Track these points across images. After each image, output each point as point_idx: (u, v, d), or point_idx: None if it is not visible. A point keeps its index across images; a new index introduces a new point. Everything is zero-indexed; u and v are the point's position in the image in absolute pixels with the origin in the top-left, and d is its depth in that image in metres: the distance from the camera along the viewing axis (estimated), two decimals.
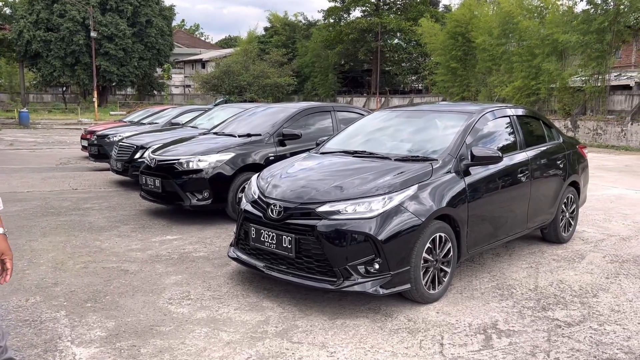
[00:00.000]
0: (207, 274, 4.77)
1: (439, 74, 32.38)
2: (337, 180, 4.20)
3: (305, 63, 47.15)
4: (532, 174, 5.24)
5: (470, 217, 4.43)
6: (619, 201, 8.84)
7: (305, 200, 4.06)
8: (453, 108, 5.32)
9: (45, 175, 10.77)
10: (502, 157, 4.53)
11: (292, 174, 4.57)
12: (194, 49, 74.63)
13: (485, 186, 4.62)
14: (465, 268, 5.08)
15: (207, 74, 37.23)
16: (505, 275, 4.92)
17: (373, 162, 4.54)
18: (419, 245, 3.98)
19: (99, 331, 3.57)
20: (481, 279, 4.80)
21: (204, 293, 4.31)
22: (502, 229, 4.94)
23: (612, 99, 23.48)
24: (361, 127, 5.55)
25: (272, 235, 4.10)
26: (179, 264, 5.07)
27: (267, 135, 7.13)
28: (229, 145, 6.87)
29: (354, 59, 46.81)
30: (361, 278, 3.82)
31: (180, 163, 6.66)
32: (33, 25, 43.13)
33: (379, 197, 3.94)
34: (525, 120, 5.64)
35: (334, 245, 3.83)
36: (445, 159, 4.43)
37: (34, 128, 27.43)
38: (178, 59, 69.09)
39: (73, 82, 47.92)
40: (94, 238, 5.93)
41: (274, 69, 35.35)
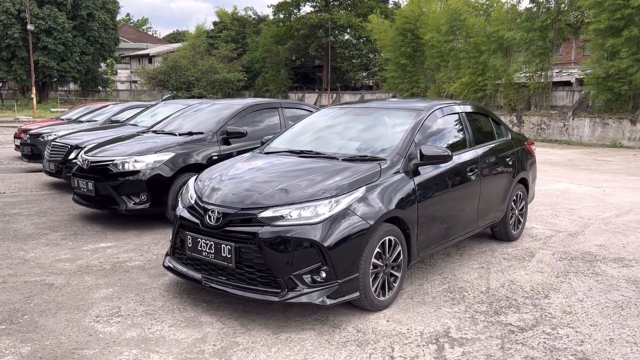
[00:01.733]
0: (142, 286, 4.40)
1: (389, 70, 32.54)
2: (281, 183, 3.92)
3: (255, 58, 46.51)
4: (482, 172, 5.12)
5: (420, 218, 4.25)
6: (565, 195, 8.95)
7: (246, 205, 3.76)
8: (401, 105, 5.13)
9: None
10: (451, 156, 4.37)
11: (233, 176, 4.26)
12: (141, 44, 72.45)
13: (435, 186, 4.44)
14: (416, 271, 4.91)
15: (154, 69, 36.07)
16: (457, 277, 4.78)
17: (320, 163, 4.29)
18: (368, 251, 3.75)
19: (10, 358, 3.17)
20: (432, 281, 4.64)
21: (137, 308, 3.95)
22: (453, 229, 4.79)
23: (555, 94, 24.20)
24: (308, 125, 5.28)
25: (210, 244, 3.78)
26: (111, 275, 4.67)
27: (210, 133, 6.77)
28: (169, 145, 6.47)
29: (305, 55, 46.55)
30: (307, 288, 3.56)
31: (115, 164, 6.21)
32: None
33: (325, 200, 3.68)
34: (474, 117, 5.53)
35: (278, 254, 3.55)
36: (393, 159, 4.23)
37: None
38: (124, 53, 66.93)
39: (10, 77, 45.60)
40: (18, 248, 5.43)
41: (223, 64, 34.58)
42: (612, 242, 5.98)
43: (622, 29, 18.42)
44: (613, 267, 5.08)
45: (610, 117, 20.25)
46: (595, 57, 20.24)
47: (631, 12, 18.05)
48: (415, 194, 4.20)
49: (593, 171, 12.43)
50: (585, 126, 21.27)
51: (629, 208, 7.87)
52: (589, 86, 20.89)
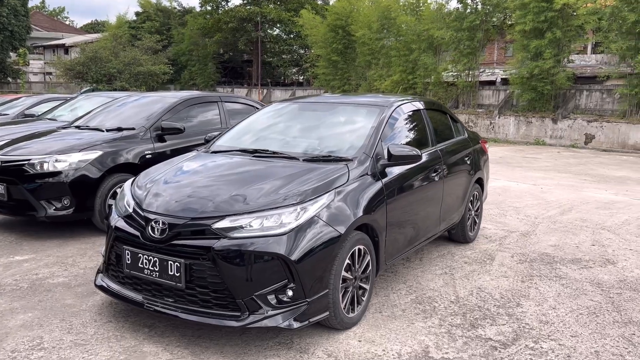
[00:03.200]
0: (68, 309, 3.74)
1: (320, 67, 32.26)
2: (237, 188, 3.40)
3: (181, 51, 44.74)
4: (444, 172, 4.83)
5: (388, 223, 3.88)
6: (506, 194, 8.96)
7: (198, 214, 3.22)
8: (361, 100, 4.73)
9: None
10: (421, 155, 4.03)
11: (178, 179, 3.69)
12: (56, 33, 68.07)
13: (401, 188, 4.09)
14: (379, 280, 4.54)
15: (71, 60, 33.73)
16: (422, 284, 4.46)
17: (278, 164, 3.81)
18: (338, 263, 3.33)
19: None
20: (398, 291, 4.29)
21: (63, 338, 3.30)
22: (418, 234, 4.47)
23: (482, 93, 24.89)
24: (259, 121, 4.77)
25: (154, 260, 3.21)
26: (29, 295, 3.96)
27: (142, 129, 6.08)
28: (95, 142, 5.73)
29: (233, 49, 45.36)
30: (272, 310, 3.08)
31: (32, 164, 5.40)
32: None
33: (290, 207, 3.21)
34: (433, 114, 5.24)
35: (237, 271, 3.05)
36: (360, 159, 3.83)
37: None
38: (37, 43, 62.66)
39: None
40: None
41: (147, 56, 32.91)
42: (565, 242, 5.92)
43: (545, 31, 19.14)
44: (573, 270, 4.96)
45: (533, 115, 21.03)
46: (519, 57, 20.91)
47: (554, 15, 18.78)
48: (384, 196, 3.82)
49: (525, 168, 12.70)
50: (510, 124, 22.00)
51: (569, 206, 7.94)
52: (514, 85, 21.59)
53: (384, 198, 3.81)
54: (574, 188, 9.59)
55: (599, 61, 26.65)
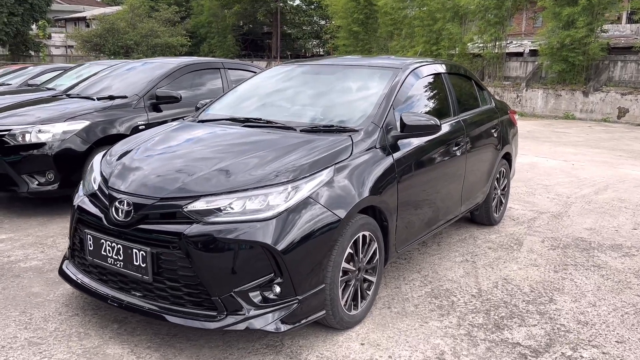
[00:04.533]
0: (32, 299, 3.29)
1: (341, 38, 31.32)
2: (219, 162, 2.87)
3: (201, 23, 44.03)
4: (468, 146, 4.23)
5: (400, 205, 3.31)
6: (534, 170, 8.28)
7: (169, 193, 2.69)
8: (372, 62, 4.11)
9: None
10: (440, 125, 3.43)
11: (153, 152, 3.16)
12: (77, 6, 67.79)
13: (417, 163, 3.51)
14: (389, 267, 4.01)
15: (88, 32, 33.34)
16: (439, 274, 3.91)
17: (271, 135, 3.26)
18: (337, 253, 2.79)
19: None
20: (411, 282, 3.75)
21: (18, 335, 2.85)
22: (436, 216, 3.90)
23: (508, 65, 23.80)
24: (255, 87, 4.19)
25: (117, 247, 2.71)
26: None
27: (135, 97, 5.57)
28: (83, 111, 5.23)
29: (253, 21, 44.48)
30: (255, 309, 2.57)
31: (13, 135, 4.94)
32: None
33: (279, 186, 2.67)
34: (456, 79, 4.60)
35: (212, 263, 2.54)
36: (368, 129, 3.24)
37: None
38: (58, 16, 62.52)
39: None
40: None
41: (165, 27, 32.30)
42: (602, 225, 5.28)
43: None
44: (614, 258, 4.35)
45: (563, 88, 19.99)
46: (550, 26, 19.79)
47: None
48: (395, 174, 3.25)
49: (555, 143, 11.92)
50: (538, 97, 20.99)
51: (604, 184, 7.25)
52: (543, 57, 20.51)
53: (394, 175, 3.24)
54: (608, 165, 8.84)
55: (634, 31, 25.20)
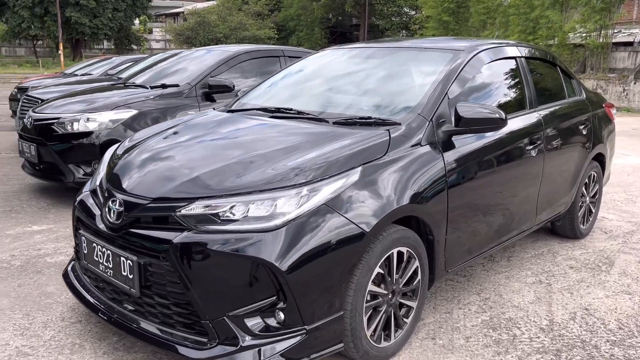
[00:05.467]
0: (43, 299, 3.06)
1: (430, 29, 30.16)
2: (227, 159, 2.45)
3: (290, 16, 44.36)
4: (547, 145, 3.52)
5: (451, 215, 2.73)
6: (637, 173, 7.19)
7: (163, 193, 2.31)
8: (434, 45, 3.51)
9: None
10: (506, 119, 2.79)
11: (162, 145, 2.79)
12: (176, 2, 71.01)
13: (476, 165, 2.90)
14: (442, 284, 3.42)
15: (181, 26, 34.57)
16: (503, 298, 3.26)
17: (298, 128, 2.79)
18: (361, 273, 2.28)
19: None
20: (466, 306, 3.14)
21: (10, 342, 2.61)
22: (501, 228, 3.25)
23: (614, 56, 21.65)
24: (297, 73, 3.72)
25: (107, 253, 2.38)
26: (13, 277, 3.36)
27: (187, 86, 5.31)
28: (132, 100, 5.05)
29: (341, 13, 44.12)
30: (251, 339, 2.12)
31: (62, 123, 4.85)
32: None
33: (290, 189, 2.20)
34: (537, 65, 3.88)
35: (203, 280, 2.12)
36: (413, 123, 2.68)
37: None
38: (160, 12, 65.79)
39: (44, 34, 44.90)
40: None
41: (253, 20, 32.75)
42: None
43: None
44: None
45: None
46: None
47: None
48: (445, 178, 2.67)
49: None
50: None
51: None
52: None
53: (444, 179, 2.66)
54: None
55: None
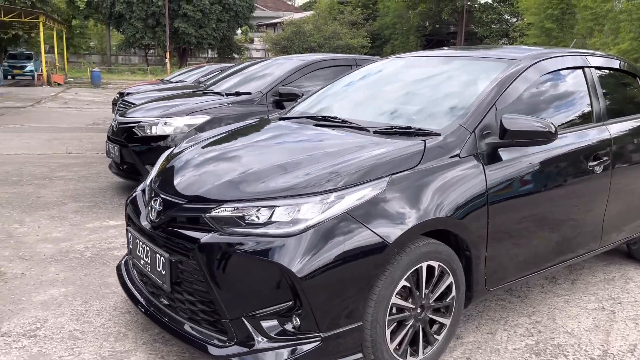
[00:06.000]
0: (102, 289, 3.31)
1: (531, 36, 28.86)
2: (259, 164, 2.52)
3: (385, 24, 44.35)
4: (615, 161, 3.26)
5: (492, 233, 2.61)
6: None
7: (196, 195, 2.43)
8: (492, 54, 3.39)
9: (58, 136, 9.83)
10: (555, 133, 2.63)
11: (210, 149, 2.93)
12: (277, 12, 73.55)
13: (522, 180, 2.75)
14: (491, 301, 3.27)
15: (277, 35, 35.70)
16: (556, 322, 3.06)
17: (335, 136, 2.82)
18: (384, 285, 2.25)
19: None
20: (513, 327, 2.98)
21: (65, 326, 2.85)
22: (555, 248, 3.05)
23: None
24: (351, 82, 3.74)
25: (146, 249, 2.54)
26: (81, 267, 3.66)
27: (258, 94, 5.51)
28: (207, 106, 5.33)
29: (438, 21, 43.40)
30: (267, 341, 2.17)
31: (142, 126, 5.22)
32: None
33: (316, 195, 2.23)
34: (610, 76, 3.61)
35: (225, 280, 2.20)
36: (453, 134, 2.61)
37: (103, 88, 27.43)
38: (261, 22, 68.42)
39: (155, 43, 48.30)
40: (17, 219, 4.66)
41: (347, 29, 33.08)
42: None
43: None
44: None
45: None
46: None
47: None
48: (486, 193, 2.56)
49: None
50: None
51: None
52: None
53: (485, 194, 2.56)
54: None
55: None
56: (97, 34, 58.08)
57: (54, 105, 16.84)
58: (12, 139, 9.26)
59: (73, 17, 48.09)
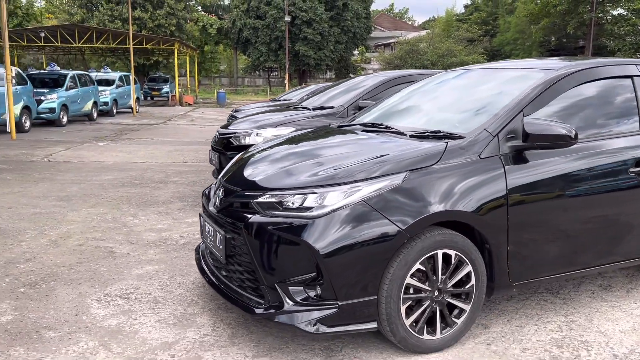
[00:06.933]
0: (187, 268, 3.95)
1: None
2: (302, 161, 2.99)
3: (506, 40, 43.08)
4: None
5: (514, 228, 2.82)
6: None
7: (248, 185, 2.95)
8: (535, 64, 3.56)
9: (179, 148, 11.10)
10: (575, 137, 2.79)
11: (270, 151, 3.44)
12: (396, 32, 74.29)
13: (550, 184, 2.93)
14: (530, 301, 3.40)
15: (391, 54, 36.22)
16: (593, 323, 3.14)
17: (375, 138, 3.20)
18: (398, 266, 2.58)
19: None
20: (544, 323, 3.12)
21: (151, 293, 3.50)
22: (589, 252, 3.15)
23: None
24: (409, 93, 4.09)
25: (211, 229, 3.10)
26: (174, 251, 4.35)
27: (340, 108, 6.00)
28: (292, 119, 5.91)
29: (564, 35, 41.22)
30: (293, 305, 2.60)
31: (237, 137, 5.93)
32: (244, 14, 46.87)
33: (342, 186, 2.64)
34: None
35: (263, 253, 2.67)
36: (476, 137, 2.87)
37: (227, 107, 29.69)
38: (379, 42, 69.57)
39: (277, 66, 51.18)
40: (132, 213, 5.55)
41: (461, 47, 32.73)
42: None
43: None
44: None
45: None
46: None
47: None
48: (506, 191, 2.79)
49: None
50: None
51: None
52: None
53: (504, 191, 2.79)
54: None
55: None
56: (227, 58, 62.79)
57: (182, 122, 18.74)
58: (141, 150, 10.65)
59: (205, 43, 52.51)
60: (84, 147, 11.17)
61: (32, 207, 5.71)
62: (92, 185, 6.97)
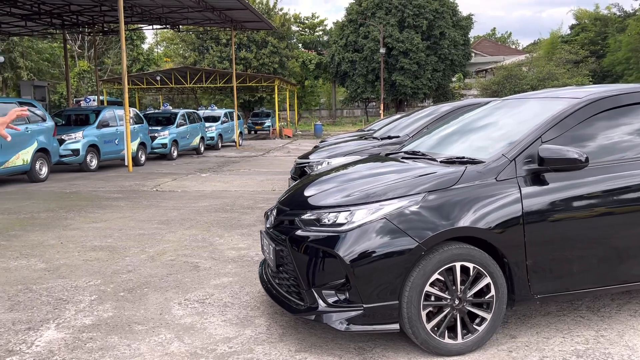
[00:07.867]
0: (255, 280, 4.53)
1: None
2: (339, 185, 3.49)
3: (617, 60, 40.64)
4: None
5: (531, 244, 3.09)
6: None
7: (295, 205, 3.49)
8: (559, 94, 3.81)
9: (270, 178, 11.99)
10: (585, 161, 3.03)
11: (321, 177, 3.97)
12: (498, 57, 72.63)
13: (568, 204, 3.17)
14: (566, 315, 3.57)
15: (487, 80, 35.57)
16: (623, 339, 3.26)
17: (409, 165, 3.62)
18: (417, 275, 2.96)
19: (89, 319, 3.76)
20: (572, 337, 3.29)
21: (224, 298, 4.11)
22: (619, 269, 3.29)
23: None
24: (453, 123, 4.45)
25: (266, 243, 3.66)
26: (249, 266, 4.97)
27: (405, 137, 6.39)
28: (360, 148, 6.45)
29: None
30: (326, 307, 3.06)
31: (310, 165, 6.55)
32: (342, 49, 48.52)
33: (369, 205, 3.09)
34: None
35: (302, 262, 3.17)
36: (494, 162, 3.20)
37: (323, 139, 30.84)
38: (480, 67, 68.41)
39: (374, 96, 52.14)
40: (219, 234, 6.30)
41: (564, 69, 31.41)
42: None
43: None
44: None
45: None
46: None
47: None
48: (522, 210, 3.08)
49: None
50: None
51: None
52: None
53: (520, 211, 3.08)
54: None
55: None
56: (326, 91, 64.88)
57: (279, 154, 19.90)
58: (236, 180, 11.65)
59: (305, 78, 54.78)
60: (188, 177, 12.42)
61: (138, 229, 6.66)
62: (189, 211, 7.89)
